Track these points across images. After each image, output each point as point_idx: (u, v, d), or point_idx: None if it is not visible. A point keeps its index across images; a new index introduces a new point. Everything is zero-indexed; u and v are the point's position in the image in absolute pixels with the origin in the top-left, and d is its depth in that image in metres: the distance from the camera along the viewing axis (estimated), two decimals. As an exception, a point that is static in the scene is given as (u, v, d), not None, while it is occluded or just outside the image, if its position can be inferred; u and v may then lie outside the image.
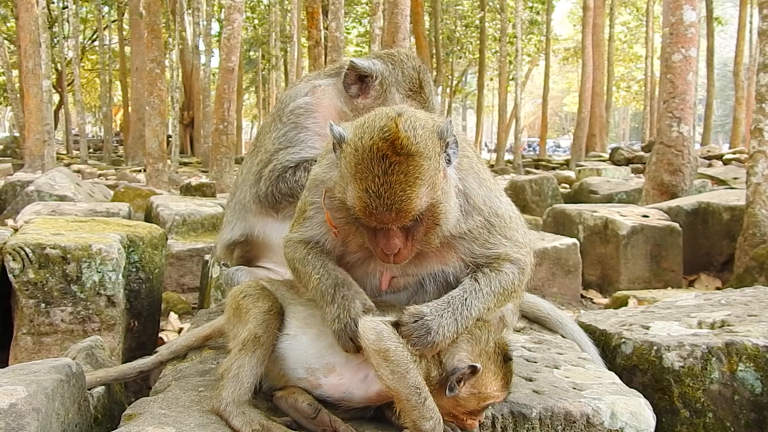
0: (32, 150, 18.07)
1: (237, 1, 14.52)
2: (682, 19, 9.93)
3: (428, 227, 1.91)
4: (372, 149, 1.79)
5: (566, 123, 71.28)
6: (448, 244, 2.04)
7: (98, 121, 54.98)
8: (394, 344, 1.85)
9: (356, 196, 1.81)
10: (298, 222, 2.22)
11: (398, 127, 1.81)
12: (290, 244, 2.21)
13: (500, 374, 1.97)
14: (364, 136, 1.83)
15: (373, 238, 1.91)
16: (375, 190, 1.78)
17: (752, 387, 2.71)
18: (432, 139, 1.87)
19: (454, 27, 39.11)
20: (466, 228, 2.03)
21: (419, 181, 1.80)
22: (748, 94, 27.05)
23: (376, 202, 1.78)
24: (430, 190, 1.83)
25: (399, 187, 1.78)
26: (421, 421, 1.83)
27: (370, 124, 1.87)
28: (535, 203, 11.82)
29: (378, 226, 1.85)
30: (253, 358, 2.05)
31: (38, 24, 18.16)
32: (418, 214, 1.83)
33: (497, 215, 2.09)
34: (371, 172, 1.78)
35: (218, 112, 15.07)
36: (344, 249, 2.15)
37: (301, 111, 3.01)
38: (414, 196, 1.79)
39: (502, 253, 2.06)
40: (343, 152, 1.89)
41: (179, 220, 7.23)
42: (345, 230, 2.03)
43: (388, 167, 1.78)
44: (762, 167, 6.46)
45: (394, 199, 1.78)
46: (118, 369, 2.72)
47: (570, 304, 6.31)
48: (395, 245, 1.87)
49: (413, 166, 1.80)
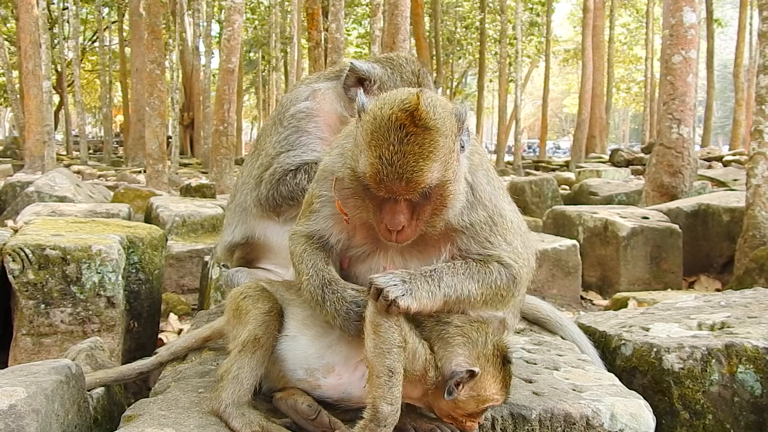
0: (32, 151, 18.07)
1: (237, 2, 14.54)
2: (682, 21, 9.93)
3: (435, 208, 1.91)
4: (390, 118, 1.81)
5: (566, 124, 71.37)
6: (449, 236, 2.04)
7: (98, 122, 55.07)
8: (389, 323, 1.87)
9: (369, 162, 1.82)
10: (305, 215, 2.22)
11: (419, 100, 1.82)
12: (294, 237, 2.22)
13: (499, 377, 1.96)
14: (384, 106, 1.85)
15: (379, 212, 1.90)
16: (388, 158, 1.79)
17: (752, 389, 2.71)
18: (450, 119, 1.89)
19: (454, 28, 39.15)
20: (469, 221, 2.03)
21: (433, 155, 1.81)
22: (748, 95, 27.07)
23: (388, 169, 1.79)
24: (442, 167, 1.84)
25: (413, 158, 1.79)
26: (381, 403, 1.83)
27: (391, 96, 1.88)
28: (535, 204, 11.82)
29: (386, 195, 1.85)
30: (253, 359, 2.05)
31: (38, 25, 18.17)
32: (427, 190, 1.84)
33: (501, 215, 2.09)
34: (387, 140, 1.80)
35: (218, 113, 15.09)
36: (349, 242, 2.15)
37: (302, 115, 3.02)
38: (426, 169, 1.80)
39: (495, 254, 2.04)
40: (361, 121, 1.90)
41: (179, 221, 7.23)
42: (352, 208, 2.01)
43: (404, 137, 1.79)
44: (762, 169, 6.46)
45: (406, 169, 1.78)
46: (117, 370, 2.72)
47: (570, 305, 6.30)
48: (400, 221, 1.87)
49: (429, 139, 1.81)
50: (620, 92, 49.05)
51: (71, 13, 27.83)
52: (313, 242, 2.16)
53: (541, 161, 31.59)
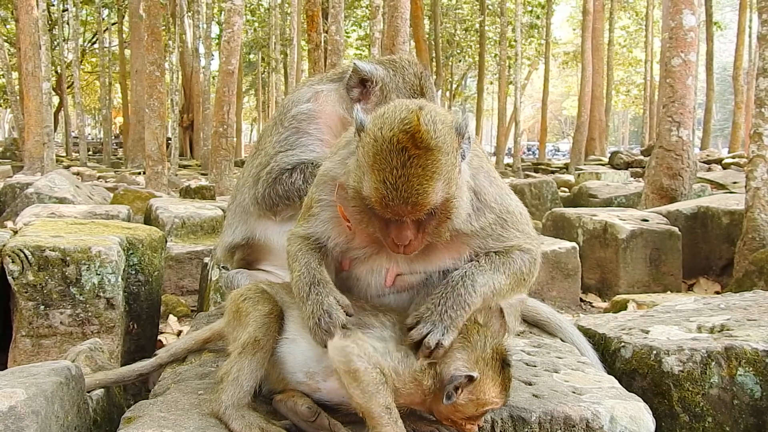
0: (32, 152, 18.08)
1: (237, 4, 14.54)
2: (682, 24, 9.95)
3: (440, 221, 1.92)
4: (392, 141, 1.79)
5: (566, 127, 71.41)
6: (460, 240, 2.06)
7: (98, 123, 55.02)
8: (364, 364, 1.86)
9: (373, 186, 1.81)
10: (304, 217, 2.23)
11: (419, 120, 1.80)
12: (292, 239, 2.23)
13: (499, 380, 1.96)
14: (384, 126, 1.82)
15: (385, 229, 1.91)
16: (392, 182, 1.77)
17: (751, 391, 2.71)
18: (450, 134, 1.87)
19: (454, 30, 39.18)
20: (478, 226, 2.04)
21: (436, 175, 1.80)
22: (747, 98, 27.07)
23: (393, 194, 1.78)
24: (445, 185, 1.83)
25: (416, 180, 1.78)
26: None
27: (390, 114, 1.85)
28: (535, 207, 11.83)
29: (392, 217, 1.85)
30: (253, 361, 2.05)
31: (38, 26, 18.17)
32: (432, 209, 1.84)
33: (509, 212, 2.12)
34: (390, 163, 1.78)
35: (218, 114, 15.08)
36: (349, 245, 2.15)
37: (303, 117, 3.03)
38: (430, 191, 1.79)
39: (515, 244, 2.10)
40: (362, 141, 1.88)
41: (179, 223, 7.23)
42: (357, 222, 2.01)
43: (407, 160, 1.77)
44: (761, 172, 6.47)
45: (411, 192, 1.78)
46: (117, 372, 2.72)
47: (569, 307, 6.30)
48: (407, 237, 1.88)
49: (432, 160, 1.79)
50: (620, 95, 49.05)
51: (71, 15, 27.82)
52: (310, 243, 2.17)
53: (541, 163, 31.62)
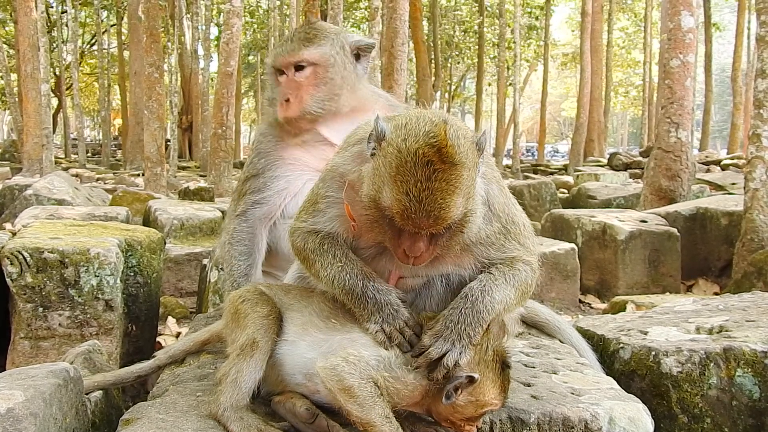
0: (30, 154, 18.06)
1: (236, 5, 14.55)
2: (681, 25, 9.96)
3: (453, 234, 1.91)
4: (417, 153, 1.77)
5: (565, 128, 71.49)
6: (466, 248, 2.06)
7: (97, 125, 55.05)
8: (356, 380, 1.86)
9: (395, 198, 1.79)
10: (308, 212, 2.17)
11: (446, 134, 1.79)
12: (299, 234, 2.16)
13: (498, 382, 1.97)
14: (409, 138, 1.81)
15: (397, 239, 1.89)
16: (416, 195, 1.76)
17: (750, 392, 2.71)
18: (472, 149, 1.87)
19: (453, 32, 39.19)
20: (485, 234, 2.05)
21: (458, 190, 1.80)
22: (746, 99, 27.12)
23: (415, 206, 1.77)
24: (465, 200, 1.83)
25: (440, 194, 1.77)
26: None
27: (414, 126, 1.84)
28: (534, 208, 11.83)
29: (412, 230, 1.84)
30: (252, 363, 2.05)
31: (37, 28, 18.16)
32: (451, 223, 1.84)
33: (513, 223, 2.12)
34: (414, 176, 1.76)
35: (217, 116, 15.08)
36: (355, 244, 2.13)
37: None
38: (453, 205, 1.79)
39: (516, 255, 2.10)
40: (383, 150, 1.86)
41: (177, 225, 7.23)
42: (367, 228, 2.00)
43: (432, 173, 1.76)
44: (760, 173, 6.47)
45: (434, 206, 1.77)
46: (115, 373, 2.71)
47: (568, 309, 6.30)
48: (419, 248, 1.87)
49: (455, 175, 1.79)
50: (618, 96, 49.06)
51: (70, 17, 27.87)
52: (325, 236, 2.12)
53: (540, 165, 31.61)
